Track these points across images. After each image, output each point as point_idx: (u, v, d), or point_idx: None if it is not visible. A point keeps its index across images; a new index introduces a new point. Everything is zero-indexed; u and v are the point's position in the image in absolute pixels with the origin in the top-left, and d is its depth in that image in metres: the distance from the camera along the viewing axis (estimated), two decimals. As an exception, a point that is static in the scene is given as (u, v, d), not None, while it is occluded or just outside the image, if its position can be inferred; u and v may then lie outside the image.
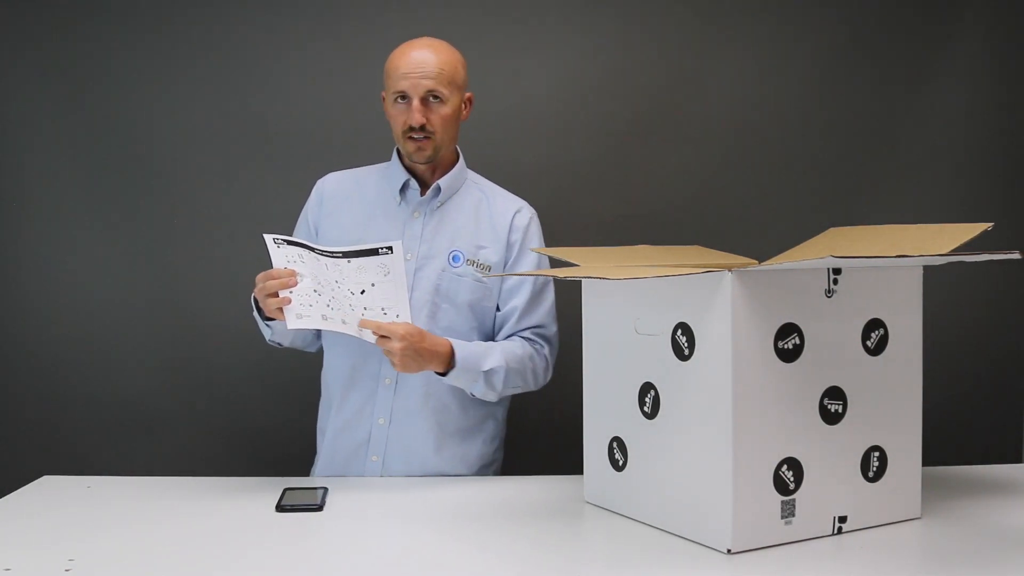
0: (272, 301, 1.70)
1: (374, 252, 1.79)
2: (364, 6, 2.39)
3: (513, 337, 1.94)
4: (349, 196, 1.98)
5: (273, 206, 2.31)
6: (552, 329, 1.97)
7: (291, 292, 1.71)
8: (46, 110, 2.36)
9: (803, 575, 1.34)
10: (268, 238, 1.74)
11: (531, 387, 1.94)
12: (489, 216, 1.97)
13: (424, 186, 1.96)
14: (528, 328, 1.94)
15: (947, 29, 2.42)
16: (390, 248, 1.79)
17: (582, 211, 2.34)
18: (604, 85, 2.41)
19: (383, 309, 1.79)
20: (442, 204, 1.96)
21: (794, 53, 2.43)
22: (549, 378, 1.97)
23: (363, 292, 1.78)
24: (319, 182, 2.02)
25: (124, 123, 2.38)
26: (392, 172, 1.98)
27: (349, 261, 1.79)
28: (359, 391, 1.92)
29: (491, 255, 1.94)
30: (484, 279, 1.92)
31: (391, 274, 1.79)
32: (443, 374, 1.82)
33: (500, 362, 1.84)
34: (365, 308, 1.78)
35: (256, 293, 1.75)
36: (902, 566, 1.39)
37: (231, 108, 2.38)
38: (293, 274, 1.71)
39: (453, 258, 1.92)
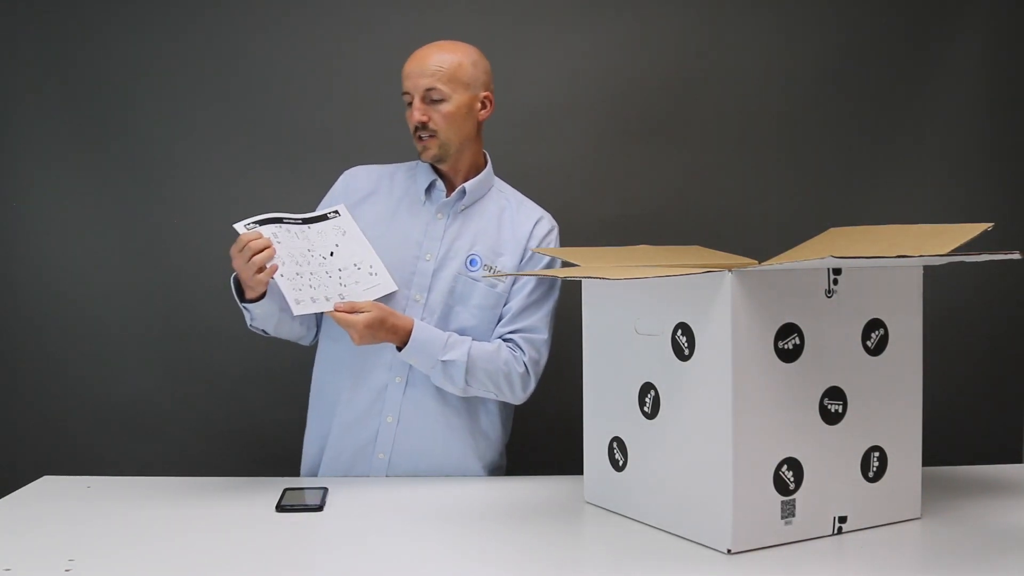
0: (261, 276, 1.73)
1: (324, 218, 1.87)
2: (365, 7, 2.38)
3: (496, 340, 1.92)
4: (375, 191, 1.99)
5: (274, 205, 2.30)
6: (542, 335, 1.94)
7: (282, 276, 1.75)
8: (46, 109, 2.36)
9: (803, 575, 1.34)
10: (239, 226, 1.77)
11: (507, 395, 1.91)
12: (511, 224, 1.97)
13: (450, 188, 1.97)
14: (517, 331, 1.92)
15: (948, 29, 2.42)
16: (336, 212, 1.88)
17: (582, 211, 2.34)
18: (604, 85, 2.41)
19: (356, 265, 1.85)
20: (466, 208, 1.97)
21: (794, 54, 2.43)
22: (532, 388, 1.93)
23: (332, 254, 1.84)
24: (347, 173, 2.02)
25: (124, 123, 2.38)
26: (419, 172, 1.99)
27: (309, 227, 1.84)
28: (369, 387, 1.91)
29: (508, 262, 1.94)
30: (495, 284, 1.92)
31: (348, 233, 1.87)
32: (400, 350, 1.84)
33: (462, 357, 1.84)
34: (340, 269, 1.83)
35: (241, 273, 1.75)
36: (902, 566, 1.39)
37: (233, 107, 2.38)
38: (261, 236, 1.74)
39: (470, 262, 1.92)
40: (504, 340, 1.92)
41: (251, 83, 2.38)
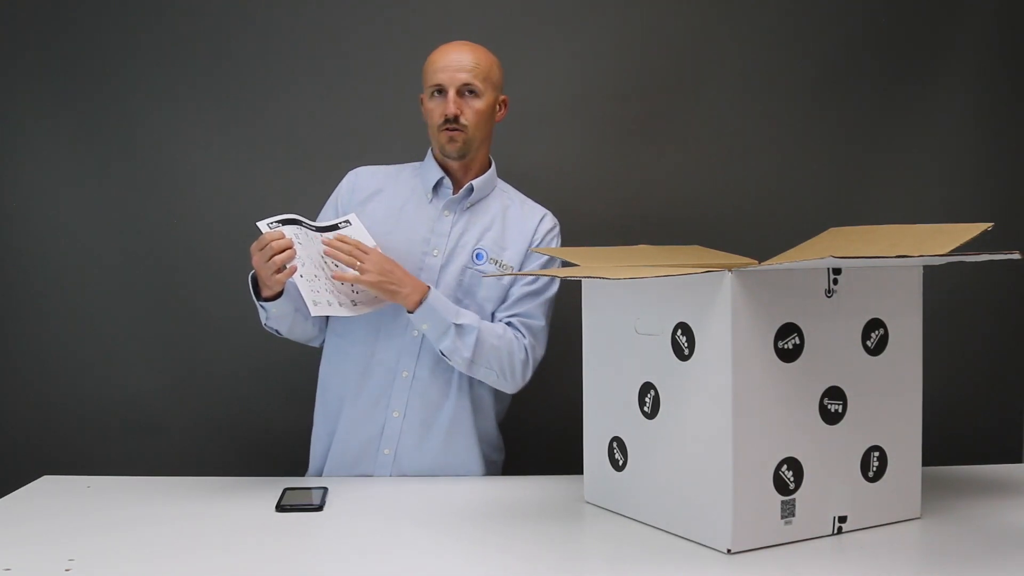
0: (280, 276, 1.73)
1: (335, 227, 1.86)
2: (367, 6, 2.38)
3: (499, 321, 1.94)
4: (381, 189, 2.01)
5: (275, 205, 2.30)
6: (540, 323, 1.96)
7: (300, 276, 1.75)
8: (46, 109, 2.36)
9: (803, 575, 1.34)
10: (261, 224, 1.76)
11: (507, 380, 1.91)
12: (516, 220, 2.00)
13: (456, 186, 1.99)
14: (517, 315, 1.94)
15: (949, 29, 2.42)
16: (347, 221, 1.88)
17: (582, 211, 2.34)
18: (604, 85, 2.41)
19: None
20: (472, 205, 1.98)
21: (795, 54, 2.43)
22: (529, 376, 1.94)
23: (338, 264, 1.84)
24: (351, 173, 2.04)
25: (124, 123, 2.37)
26: (426, 170, 2.01)
27: (321, 235, 1.84)
28: (376, 382, 1.92)
29: (513, 257, 1.96)
30: (500, 278, 1.93)
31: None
32: (412, 312, 1.84)
33: (475, 323, 1.85)
34: None
35: (259, 271, 1.76)
36: (902, 566, 1.39)
37: (234, 106, 2.38)
38: (283, 236, 1.73)
39: (476, 256, 1.94)
40: (505, 323, 1.94)
41: (252, 82, 2.38)
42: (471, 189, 1.97)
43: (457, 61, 1.91)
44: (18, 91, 2.36)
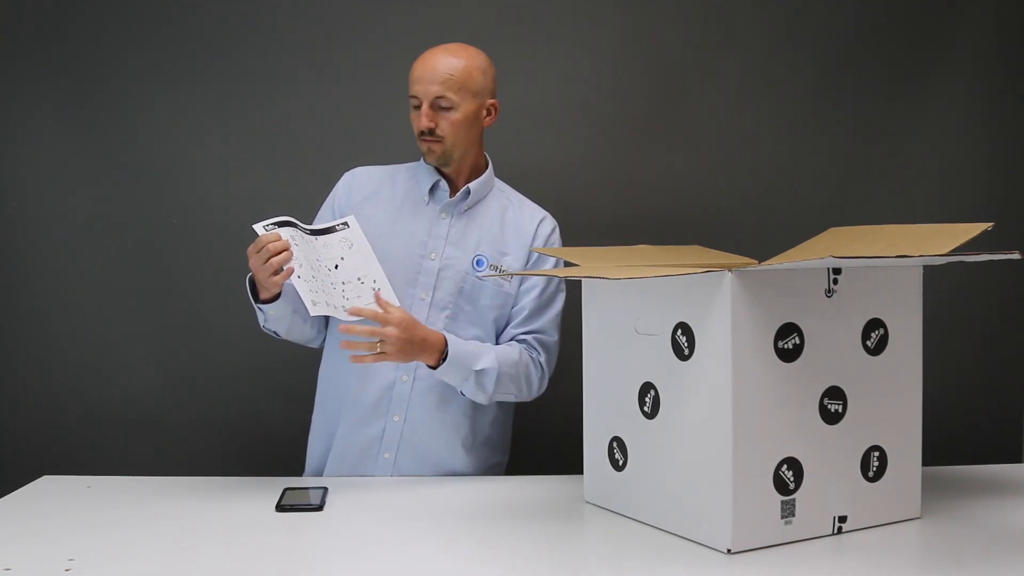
0: (277, 278, 1.72)
1: (332, 229, 1.84)
2: (366, 7, 2.38)
3: (512, 342, 1.94)
4: (378, 191, 2.00)
5: (274, 206, 2.31)
6: (553, 337, 1.97)
7: (299, 277, 1.74)
8: (46, 108, 2.36)
9: (803, 575, 1.34)
10: (258, 227, 1.76)
11: (524, 396, 1.93)
12: (515, 223, 1.99)
13: (453, 189, 1.98)
14: (529, 332, 1.95)
15: (949, 29, 2.42)
16: (346, 223, 1.85)
17: (582, 211, 2.34)
18: (604, 85, 2.41)
19: (359, 279, 1.83)
20: (470, 207, 1.98)
21: (795, 53, 2.43)
22: (544, 388, 1.96)
23: (336, 267, 1.82)
24: (348, 174, 2.03)
25: (124, 122, 2.37)
26: (422, 172, 2.00)
27: (316, 239, 1.83)
28: (375, 386, 1.91)
29: (514, 262, 1.96)
30: (502, 283, 1.93)
31: (355, 246, 1.84)
32: (434, 367, 1.83)
33: (493, 364, 1.85)
34: (343, 283, 1.81)
35: (257, 274, 1.75)
36: (902, 566, 1.39)
37: (233, 106, 2.38)
38: (280, 238, 1.72)
39: (477, 262, 1.93)
40: (518, 341, 1.94)
41: (253, 83, 2.38)
42: (468, 192, 1.97)
43: (431, 72, 1.87)
44: (18, 91, 2.36)
